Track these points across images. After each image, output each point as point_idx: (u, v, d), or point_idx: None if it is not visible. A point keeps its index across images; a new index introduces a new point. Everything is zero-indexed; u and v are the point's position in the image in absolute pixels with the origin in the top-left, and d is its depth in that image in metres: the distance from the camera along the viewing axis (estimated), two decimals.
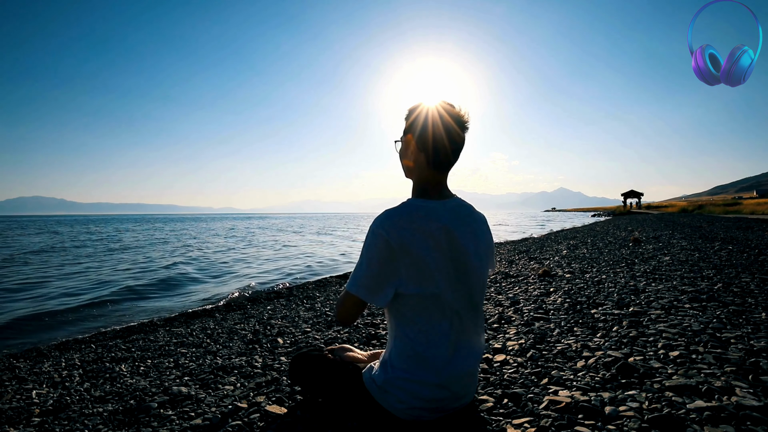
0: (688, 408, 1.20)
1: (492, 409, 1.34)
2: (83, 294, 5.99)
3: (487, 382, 1.57)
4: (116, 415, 1.67)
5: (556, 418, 1.22)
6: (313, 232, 25.31)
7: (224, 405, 1.60)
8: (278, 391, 1.68)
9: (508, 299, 3.20)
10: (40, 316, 4.69)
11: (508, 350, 1.94)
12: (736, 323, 2.07)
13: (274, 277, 7.58)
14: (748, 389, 1.30)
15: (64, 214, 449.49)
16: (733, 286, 3.01)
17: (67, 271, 8.35)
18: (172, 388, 1.88)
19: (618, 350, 1.77)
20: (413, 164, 1.22)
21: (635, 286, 3.23)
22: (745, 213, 21.12)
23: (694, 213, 26.63)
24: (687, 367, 1.52)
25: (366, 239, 1.12)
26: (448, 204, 1.18)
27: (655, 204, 68.68)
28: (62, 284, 6.83)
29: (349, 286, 1.14)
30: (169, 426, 1.48)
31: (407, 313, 1.14)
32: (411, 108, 1.22)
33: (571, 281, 3.77)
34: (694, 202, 43.18)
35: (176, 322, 4.05)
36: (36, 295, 5.93)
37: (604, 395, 1.33)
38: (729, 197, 77.30)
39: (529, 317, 2.54)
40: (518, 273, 4.64)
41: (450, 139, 1.16)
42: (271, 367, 2.09)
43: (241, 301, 5.09)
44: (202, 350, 2.69)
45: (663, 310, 2.41)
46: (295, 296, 5.11)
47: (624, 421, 1.16)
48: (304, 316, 3.56)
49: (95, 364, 2.63)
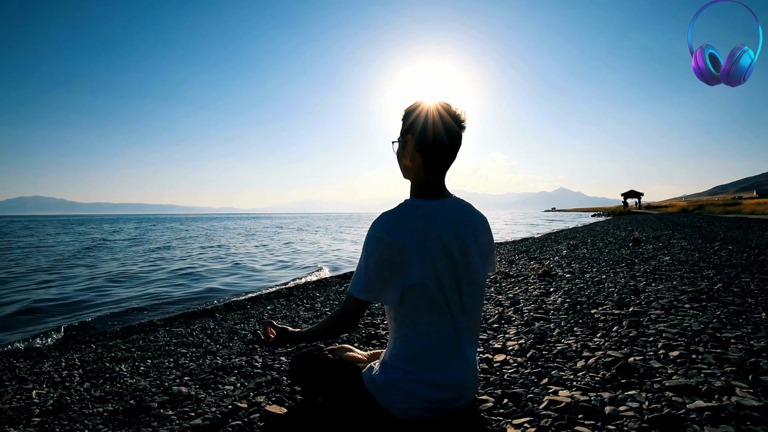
0: (688, 408, 1.20)
1: (492, 409, 1.34)
2: (237, 285, 6.83)
3: (487, 382, 1.56)
4: (116, 415, 1.67)
5: (556, 418, 1.22)
6: (332, 230, 26.93)
7: (224, 405, 1.60)
8: (278, 391, 1.69)
9: (508, 299, 3.20)
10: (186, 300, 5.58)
11: (508, 350, 1.94)
12: (736, 323, 2.07)
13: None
14: (748, 389, 1.30)
15: (65, 214, 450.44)
16: (733, 286, 3.00)
17: (174, 267, 8.92)
18: (172, 388, 1.88)
19: (618, 350, 1.77)
20: (411, 164, 1.22)
21: (635, 286, 3.23)
22: (745, 213, 21.11)
23: (694, 213, 26.63)
24: (687, 367, 1.52)
25: (366, 242, 1.12)
26: (446, 203, 1.18)
27: (655, 204, 68.67)
28: (173, 281, 7.42)
29: (353, 290, 1.14)
30: (169, 426, 1.48)
31: (407, 313, 1.14)
32: (409, 108, 1.21)
33: (571, 281, 3.77)
34: (694, 202, 43.17)
35: (176, 322, 4.05)
36: (159, 286, 6.67)
37: (604, 395, 1.33)
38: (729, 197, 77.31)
39: (529, 317, 2.54)
40: (518, 273, 4.64)
41: (449, 139, 1.16)
42: (271, 367, 2.09)
43: (242, 301, 5.09)
44: (202, 350, 2.69)
45: (663, 310, 2.41)
46: (295, 296, 5.12)
47: (624, 421, 1.16)
48: (304, 316, 3.56)
49: (95, 364, 2.63)
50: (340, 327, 1.23)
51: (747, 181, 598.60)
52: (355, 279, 1.14)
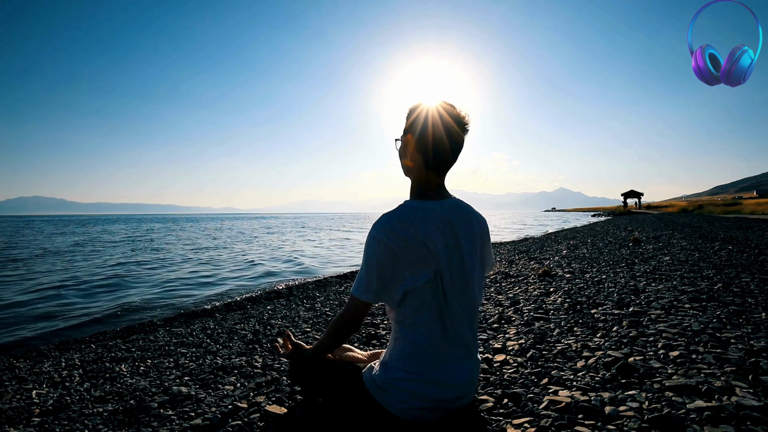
0: (688, 408, 1.20)
1: (492, 409, 1.34)
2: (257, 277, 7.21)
3: (487, 382, 1.56)
4: (116, 415, 1.67)
5: (556, 418, 1.22)
6: (345, 230, 27.51)
7: (224, 405, 1.60)
8: (278, 391, 1.69)
9: (508, 299, 3.20)
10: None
11: (508, 350, 1.94)
12: (736, 323, 2.07)
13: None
14: (748, 389, 1.30)
15: (65, 214, 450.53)
16: (733, 286, 3.00)
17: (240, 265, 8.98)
18: (172, 388, 1.88)
19: (618, 350, 1.77)
20: (412, 164, 1.22)
21: (635, 286, 3.23)
22: (745, 213, 21.11)
23: (694, 213, 26.63)
24: (687, 367, 1.52)
25: (367, 244, 1.12)
26: (446, 204, 1.18)
27: (655, 204, 68.68)
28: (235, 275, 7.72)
29: (356, 292, 1.14)
30: (169, 426, 1.48)
31: (408, 313, 1.15)
32: (411, 108, 1.21)
33: (571, 281, 3.77)
34: (694, 202, 43.17)
35: (176, 322, 4.05)
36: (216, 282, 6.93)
37: (604, 395, 1.33)
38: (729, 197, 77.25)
39: (529, 317, 2.54)
40: (518, 273, 4.64)
41: (450, 140, 1.16)
42: (271, 367, 2.09)
43: (241, 301, 5.09)
44: (202, 350, 2.69)
45: (663, 310, 2.41)
46: (295, 296, 5.12)
47: (624, 421, 1.16)
48: (304, 316, 3.56)
49: (95, 364, 2.63)
50: (346, 329, 1.24)
51: (747, 181, 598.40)
52: (357, 280, 1.15)
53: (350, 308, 1.19)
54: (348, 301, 1.19)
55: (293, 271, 8.25)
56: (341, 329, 1.24)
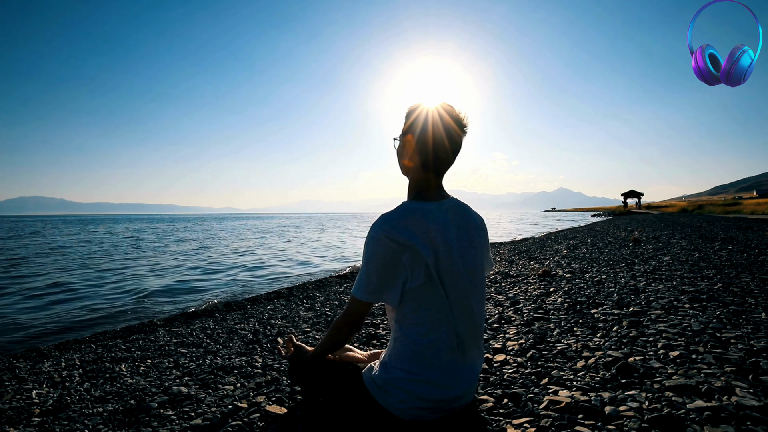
0: (688, 408, 1.20)
1: (492, 409, 1.34)
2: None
3: (487, 382, 1.57)
4: (116, 415, 1.67)
5: (556, 418, 1.22)
6: (345, 229, 27.75)
7: (224, 405, 1.60)
8: (278, 391, 1.69)
9: (508, 299, 3.20)
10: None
11: (508, 350, 1.94)
12: (736, 323, 2.07)
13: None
14: (748, 389, 1.30)
15: (65, 214, 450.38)
16: (733, 286, 3.00)
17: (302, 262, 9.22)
18: (172, 388, 1.88)
19: (618, 350, 1.77)
20: (410, 164, 1.22)
21: (635, 286, 3.23)
22: (745, 213, 21.11)
23: (694, 213, 26.62)
24: (687, 367, 1.52)
25: (366, 245, 1.12)
26: (444, 205, 1.18)
27: (655, 204, 68.66)
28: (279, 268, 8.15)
29: (356, 292, 1.14)
30: (169, 426, 1.48)
31: (408, 313, 1.15)
32: (411, 108, 1.21)
33: (571, 281, 3.77)
34: (694, 202, 43.17)
35: (176, 322, 4.05)
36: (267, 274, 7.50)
37: (604, 395, 1.33)
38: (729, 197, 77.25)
39: (529, 317, 2.54)
40: (518, 273, 4.64)
41: (450, 142, 1.16)
42: (271, 367, 2.09)
43: (241, 301, 5.09)
44: (202, 350, 2.69)
45: (663, 310, 2.41)
46: (295, 296, 5.12)
47: (624, 421, 1.16)
48: (304, 316, 3.56)
49: (95, 364, 2.63)
50: (347, 330, 1.24)
51: (747, 181, 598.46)
52: (358, 281, 1.15)
53: (351, 309, 1.19)
54: (348, 302, 1.19)
55: (293, 271, 8.26)
56: (342, 330, 1.24)
